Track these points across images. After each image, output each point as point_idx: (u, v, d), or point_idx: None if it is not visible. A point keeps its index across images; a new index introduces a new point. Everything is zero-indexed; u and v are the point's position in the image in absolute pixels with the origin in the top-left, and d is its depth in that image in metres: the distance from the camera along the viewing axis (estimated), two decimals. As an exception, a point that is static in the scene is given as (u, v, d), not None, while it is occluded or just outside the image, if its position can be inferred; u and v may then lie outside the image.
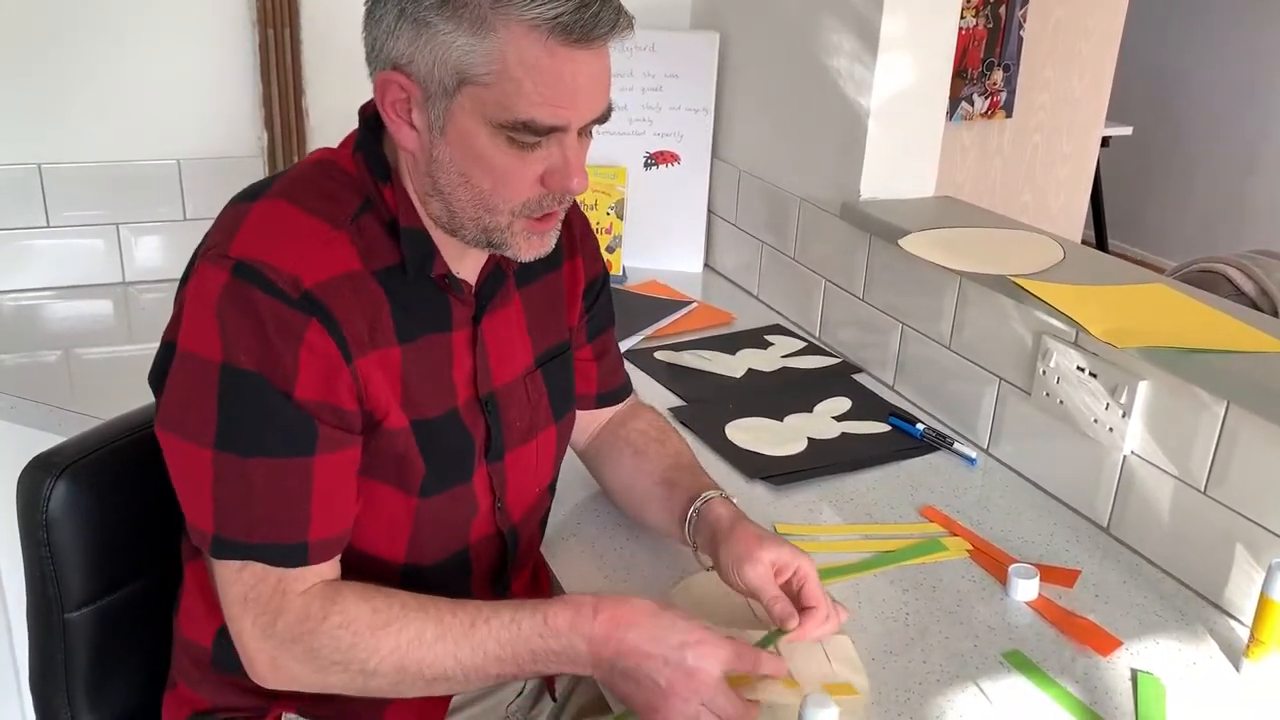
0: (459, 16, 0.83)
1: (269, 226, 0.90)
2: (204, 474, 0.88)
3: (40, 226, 1.87)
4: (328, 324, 0.88)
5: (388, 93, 0.89)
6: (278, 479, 0.88)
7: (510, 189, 0.90)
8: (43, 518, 1.02)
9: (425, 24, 0.84)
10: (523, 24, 0.83)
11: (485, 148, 0.88)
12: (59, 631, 1.06)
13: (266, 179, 0.96)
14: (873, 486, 1.39)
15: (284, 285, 0.86)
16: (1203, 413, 1.18)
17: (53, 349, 1.72)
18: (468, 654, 0.89)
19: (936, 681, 1.04)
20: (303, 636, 0.89)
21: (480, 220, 0.92)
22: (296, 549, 0.90)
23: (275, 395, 0.87)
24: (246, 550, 0.89)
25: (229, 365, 0.86)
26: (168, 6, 1.85)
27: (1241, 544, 1.15)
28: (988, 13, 2.45)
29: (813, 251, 1.89)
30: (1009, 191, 2.75)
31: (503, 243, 0.94)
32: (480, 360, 1.01)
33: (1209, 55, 5.11)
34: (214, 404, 0.86)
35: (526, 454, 1.08)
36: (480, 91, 0.85)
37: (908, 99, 1.71)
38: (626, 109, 2.12)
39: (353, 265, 0.91)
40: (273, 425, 0.88)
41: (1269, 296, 2.21)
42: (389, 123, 0.91)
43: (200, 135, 1.94)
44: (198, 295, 0.88)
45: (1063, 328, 1.35)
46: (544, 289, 1.10)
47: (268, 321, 0.86)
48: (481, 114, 0.86)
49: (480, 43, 0.83)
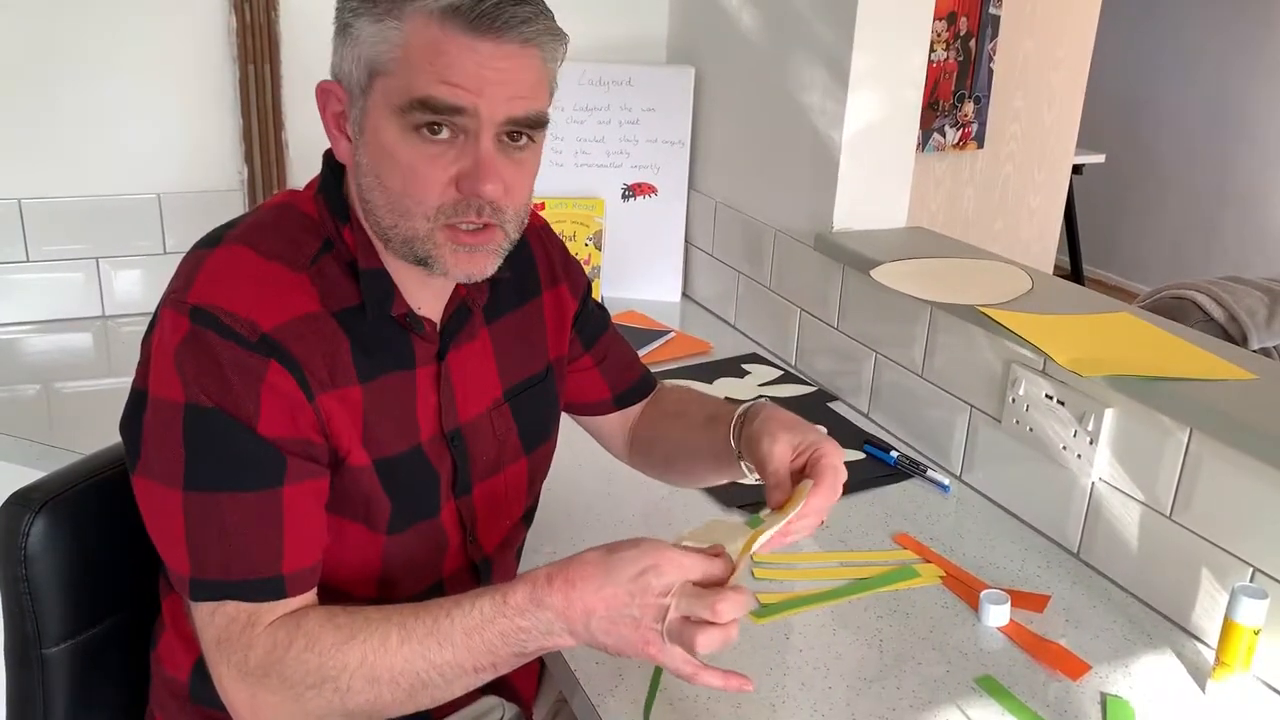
0: (370, 14, 0.87)
1: (227, 272, 0.91)
2: (176, 516, 0.88)
3: (20, 261, 1.88)
4: (287, 364, 0.89)
5: (328, 104, 0.93)
6: (249, 512, 0.88)
7: (419, 188, 0.89)
8: (21, 554, 1.02)
9: (348, 27, 0.89)
10: (423, 12, 0.86)
11: (394, 142, 0.88)
12: (37, 668, 1.05)
13: (228, 223, 0.97)
14: (848, 514, 1.41)
15: (241, 329, 0.87)
16: (1167, 439, 1.21)
17: (32, 383, 1.72)
18: (435, 651, 0.86)
19: (910, 707, 1.05)
20: (273, 667, 0.88)
21: (399, 228, 0.91)
22: (273, 582, 0.90)
23: (239, 430, 0.87)
24: (225, 589, 0.89)
25: (191, 405, 0.87)
26: (149, 42, 1.87)
27: (1206, 568, 1.17)
28: (958, 46, 2.50)
29: (788, 281, 1.91)
30: (982, 220, 2.79)
31: (427, 255, 0.91)
32: (445, 396, 1.02)
33: (1179, 82, 5.21)
34: (180, 444, 0.87)
35: (495, 486, 1.09)
36: (387, 81, 0.87)
37: (879, 132, 1.74)
38: (604, 142, 2.15)
39: (311, 307, 0.92)
40: (239, 459, 0.88)
41: (1238, 322, 2.26)
42: (330, 137, 0.94)
43: (180, 169, 1.95)
44: (159, 342, 0.89)
45: (1031, 356, 1.37)
46: (518, 322, 1.10)
47: (226, 364, 0.87)
48: (387, 103, 0.88)
49: (385, 32, 0.86)
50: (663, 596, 0.83)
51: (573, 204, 2.13)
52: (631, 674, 1.06)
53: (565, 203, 2.13)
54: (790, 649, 1.13)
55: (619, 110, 2.14)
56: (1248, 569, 1.13)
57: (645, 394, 1.27)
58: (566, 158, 2.16)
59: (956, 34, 2.49)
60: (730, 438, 1.07)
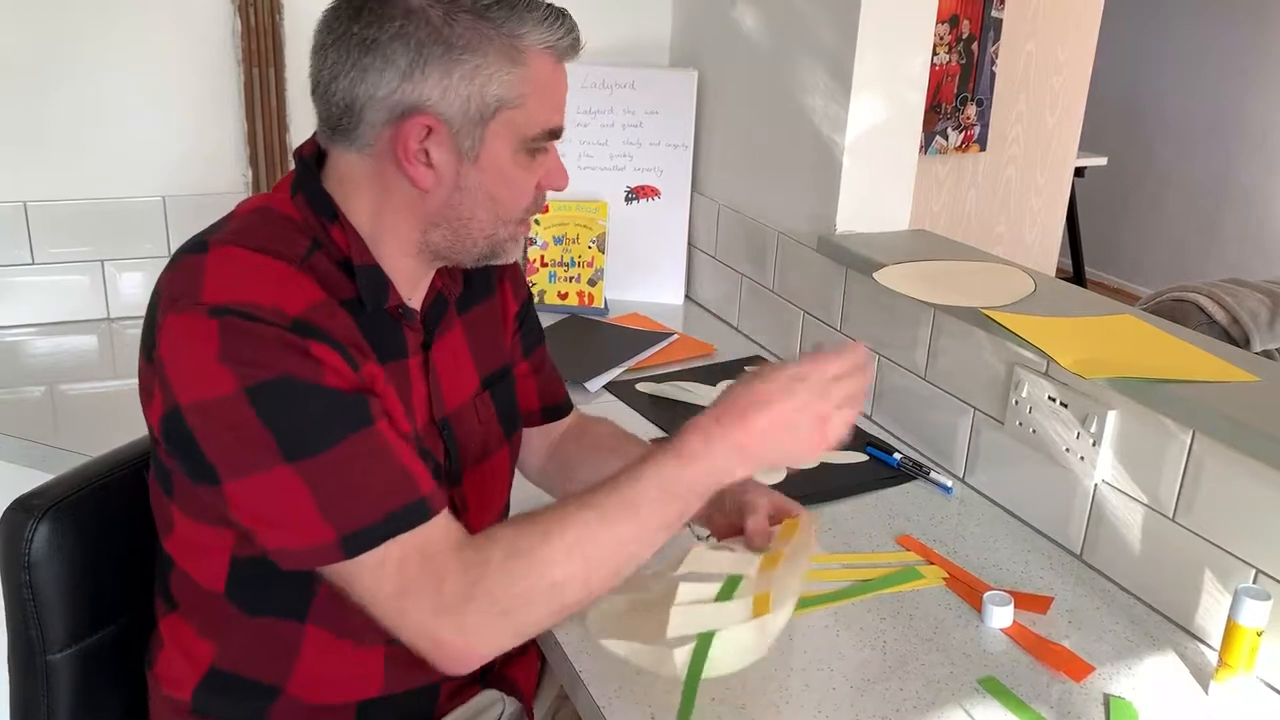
0: (488, 51, 0.92)
1: (231, 271, 0.89)
2: (295, 489, 0.85)
3: (25, 264, 1.88)
4: (325, 340, 0.88)
5: (411, 136, 0.92)
6: (360, 455, 0.87)
7: (521, 198, 1.00)
8: (25, 560, 1.02)
9: (457, 62, 0.91)
10: (540, 50, 0.95)
11: (509, 165, 0.97)
12: (41, 674, 1.05)
13: (205, 230, 0.95)
14: (851, 516, 1.41)
15: (272, 317, 0.86)
16: (1170, 441, 1.21)
17: (37, 385, 1.73)
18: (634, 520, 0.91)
19: (913, 708, 1.05)
20: (475, 586, 0.86)
21: (495, 234, 1.00)
22: (421, 504, 0.88)
23: (311, 389, 0.86)
24: (380, 530, 0.86)
25: (251, 386, 0.84)
26: (153, 45, 1.88)
27: (1209, 569, 1.18)
28: (960, 49, 2.50)
29: (791, 284, 1.92)
30: (984, 223, 2.80)
31: (503, 251, 1.02)
32: (433, 385, 1.05)
33: (1180, 85, 5.21)
34: (260, 425, 0.84)
35: (483, 474, 1.11)
36: (514, 114, 0.94)
37: (881, 134, 1.75)
38: (608, 145, 2.15)
39: (320, 295, 0.92)
40: (325, 415, 0.87)
41: (1240, 324, 2.26)
42: (405, 166, 0.93)
43: (185, 172, 1.96)
44: (184, 348, 0.86)
45: (1034, 358, 1.38)
46: (483, 314, 1.14)
47: (272, 341, 0.86)
48: (511, 133, 0.95)
49: (516, 70, 0.93)
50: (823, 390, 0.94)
51: (576, 206, 2.14)
52: (632, 671, 1.07)
53: (568, 205, 2.13)
54: (794, 650, 1.14)
55: (622, 113, 2.14)
56: (1250, 570, 1.13)
57: (566, 413, 1.30)
58: (570, 160, 2.14)
59: (959, 37, 2.49)
60: None
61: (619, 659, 1.00)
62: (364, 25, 0.90)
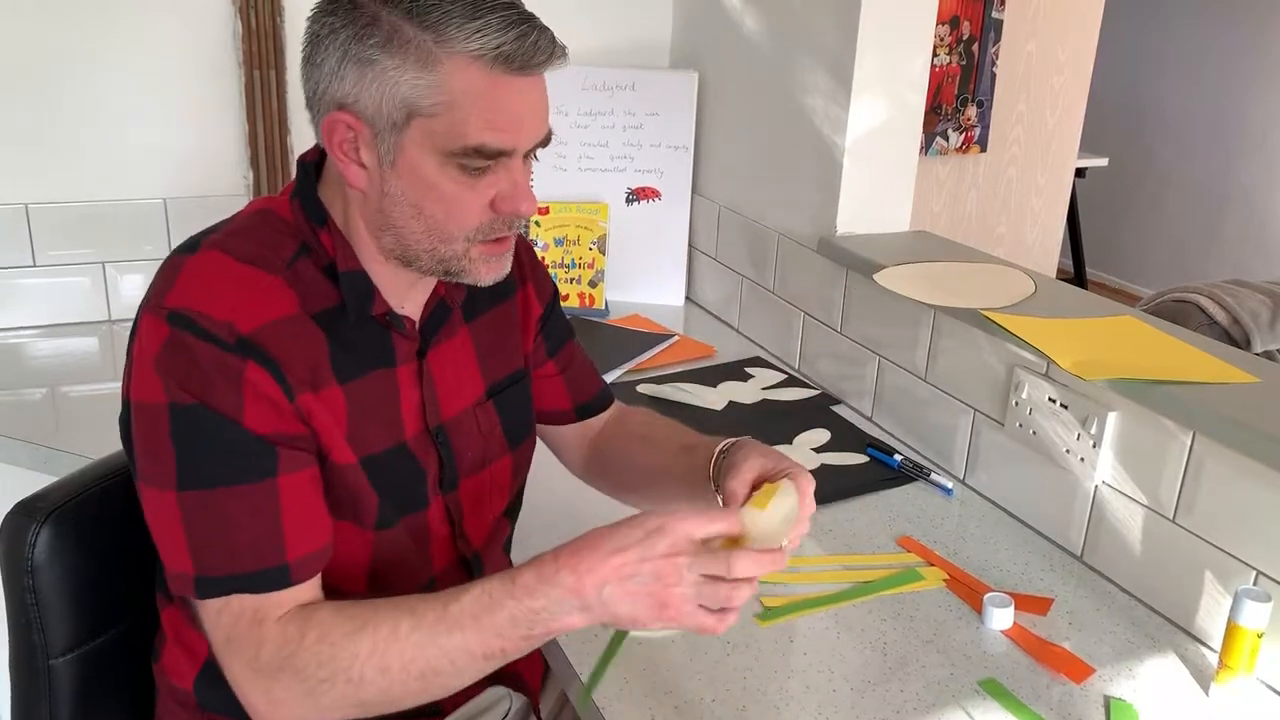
0: (403, 53, 0.86)
1: (204, 277, 0.91)
2: (175, 517, 0.89)
3: (26, 266, 1.89)
4: (266, 364, 0.89)
5: (335, 133, 0.91)
6: (246, 505, 0.89)
7: (462, 216, 0.93)
8: (27, 564, 1.02)
9: (371, 62, 0.87)
10: (467, 56, 0.86)
11: (436, 177, 0.90)
12: (44, 678, 1.05)
13: (207, 229, 0.98)
14: (851, 517, 1.41)
15: (219, 331, 0.88)
16: (1170, 443, 1.21)
17: (39, 387, 1.73)
18: (445, 637, 0.86)
19: (914, 710, 1.06)
20: (286, 661, 0.88)
21: (435, 250, 0.94)
22: (277, 571, 0.90)
23: (225, 424, 0.88)
24: (230, 584, 0.89)
25: (174, 404, 0.87)
26: (154, 47, 1.88)
27: (1210, 571, 1.18)
28: (960, 50, 2.51)
29: (791, 285, 1.92)
30: (985, 224, 2.80)
31: (461, 270, 0.96)
32: (428, 393, 1.03)
33: (1181, 85, 5.21)
34: (169, 445, 0.88)
35: (481, 482, 1.10)
36: (429, 123, 0.88)
37: (882, 136, 1.75)
38: (608, 146, 2.15)
39: (289, 310, 0.92)
40: (229, 453, 0.88)
41: (1241, 325, 2.26)
42: (338, 163, 0.93)
43: (186, 174, 1.96)
44: (140, 349, 0.90)
45: (1034, 360, 1.38)
46: (495, 319, 1.12)
47: (206, 364, 0.87)
48: (431, 144, 0.89)
49: (427, 75, 0.86)
50: (673, 556, 0.84)
51: (576, 208, 2.14)
52: (632, 672, 1.07)
53: (569, 207, 2.13)
54: (794, 652, 1.14)
55: (623, 115, 2.14)
56: (1251, 572, 1.13)
57: (604, 407, 1.27)
58: (570, 162, 2.17)
59: (959, 38, 2.50)
60: (709, 468, 1.07)
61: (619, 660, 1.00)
62: (314, 20, 0.92)
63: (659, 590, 0.84)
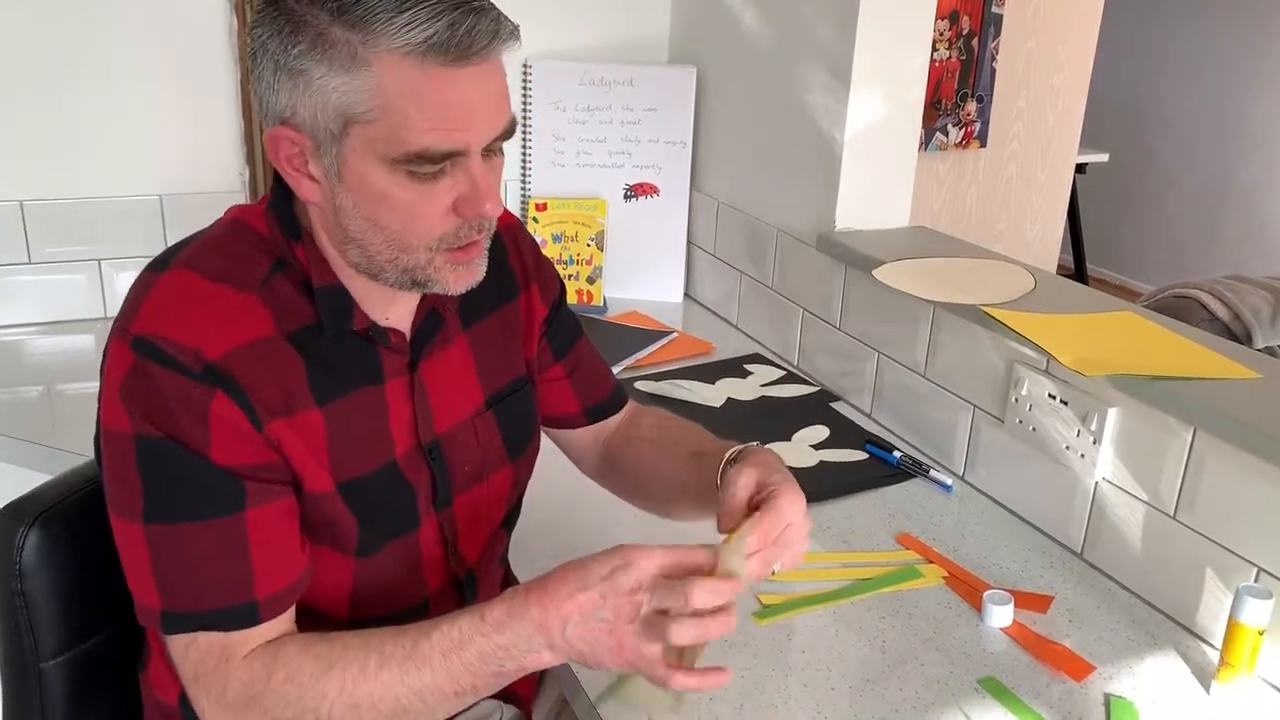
0: (330, 58, 0.81)
1: (171, 298, 0.88)
2: (141, 549, 0.86)
3: (22, 262, 1.88)
4: (234, 394, 0.86)
5: (280, 148, 0.86)
6: (213, 540, 0.86)
7: (422, 224, 0.87)
8: (16, 568, 1.00)
9: (299, 72, 0.82)
10: (394, 53, 0.80)
11: (385, 186, 0.85)
12: (34, 682, 1.04)
13: (179, 243, 0.94)
14: (850, 514, 1.41)
15: (185, 359, 0.85)
16: (1171, 439, 1.20)
17: (34, 384, 1.72)
18: (414, 675, 0.84)
19: (913, 708, 1.05)
20: (253, 700, 0.86)
21: (398, 261, 0.89)
22: (245, 609, 0.87)
23: (191, 458, 0.85)
24: (197, 620, 0.87)
25: (140, 435, 0.85)
26: (150, 43, 1.87)
27: (1210, 568, 1.17)
28: (960, 45, 2.50)
29: (790, 281, 1.91)
30: (985, 220, 2.79)
31: (428, 279, 0.90)
32: (420, 407, 0.99)
33: (1181, 81, 5.20)
34: (136, 477, 0.86)
35: (477, 496, 1.06)
36: (367, 130, 0.82)
37: (881, 131, 1.74)
38: (606, 142, 2.15)
39: (262, 331, 0.89)
40: (196, 487, 0.86)
41: (1242, 321, 2.25)
42: (288, 179, 0.88)
43: (182, 171, 1.95)
44: (108, 375, 0.88)
45: (1034, 356, 1.37)
46: (496, 325, 1.08)
47: (170, 396, 0.85)
48: (372, 152, 0.83)
49: (355, 80, 0.81)
50: (634, 594, 0.81)
51: (575, 204, 2.13)
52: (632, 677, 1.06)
53: (567, 203, 2.13)
54: (793, 649, 1.13)
55: (621, 110, 2.14)
56: (1252, 569, 1.13)
57: (617, 409, 1.22)
58: (568, 158, 2.16)
59: (959, 33, 2.49)
60: (717, 478, 1.03)
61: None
62: (249, 32, 0.87)
63: (618, 627, 0.82)
